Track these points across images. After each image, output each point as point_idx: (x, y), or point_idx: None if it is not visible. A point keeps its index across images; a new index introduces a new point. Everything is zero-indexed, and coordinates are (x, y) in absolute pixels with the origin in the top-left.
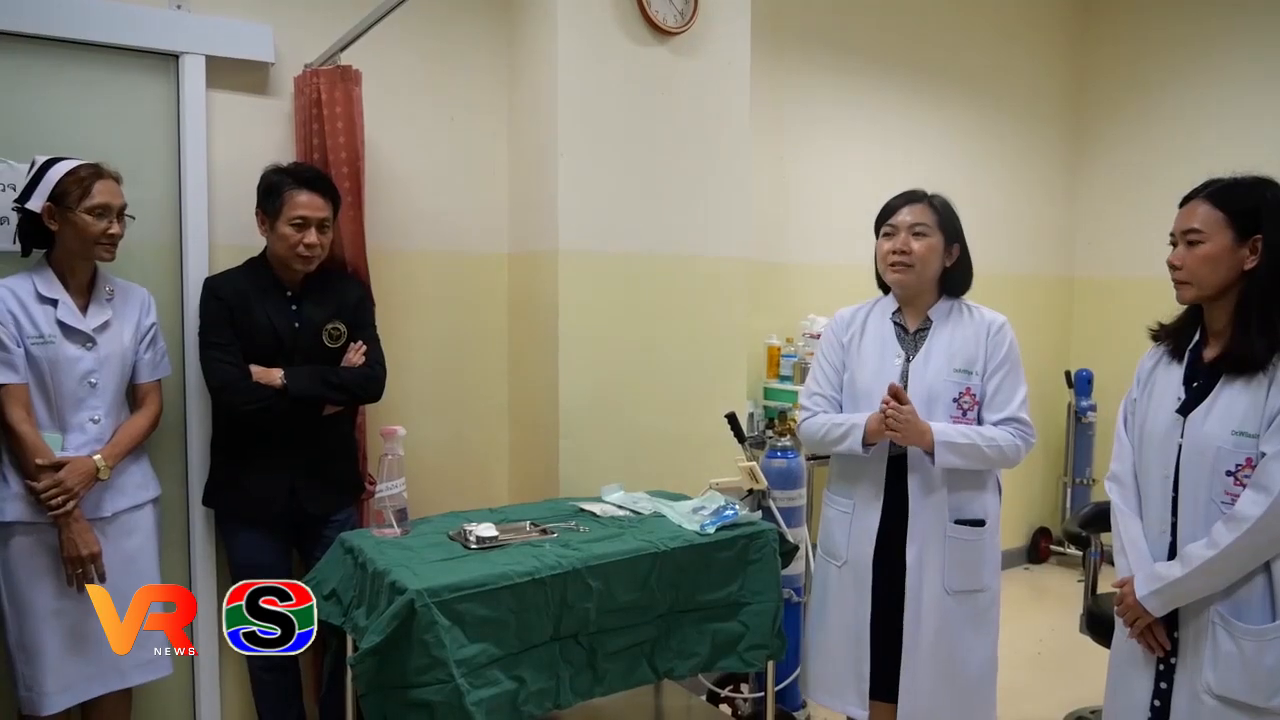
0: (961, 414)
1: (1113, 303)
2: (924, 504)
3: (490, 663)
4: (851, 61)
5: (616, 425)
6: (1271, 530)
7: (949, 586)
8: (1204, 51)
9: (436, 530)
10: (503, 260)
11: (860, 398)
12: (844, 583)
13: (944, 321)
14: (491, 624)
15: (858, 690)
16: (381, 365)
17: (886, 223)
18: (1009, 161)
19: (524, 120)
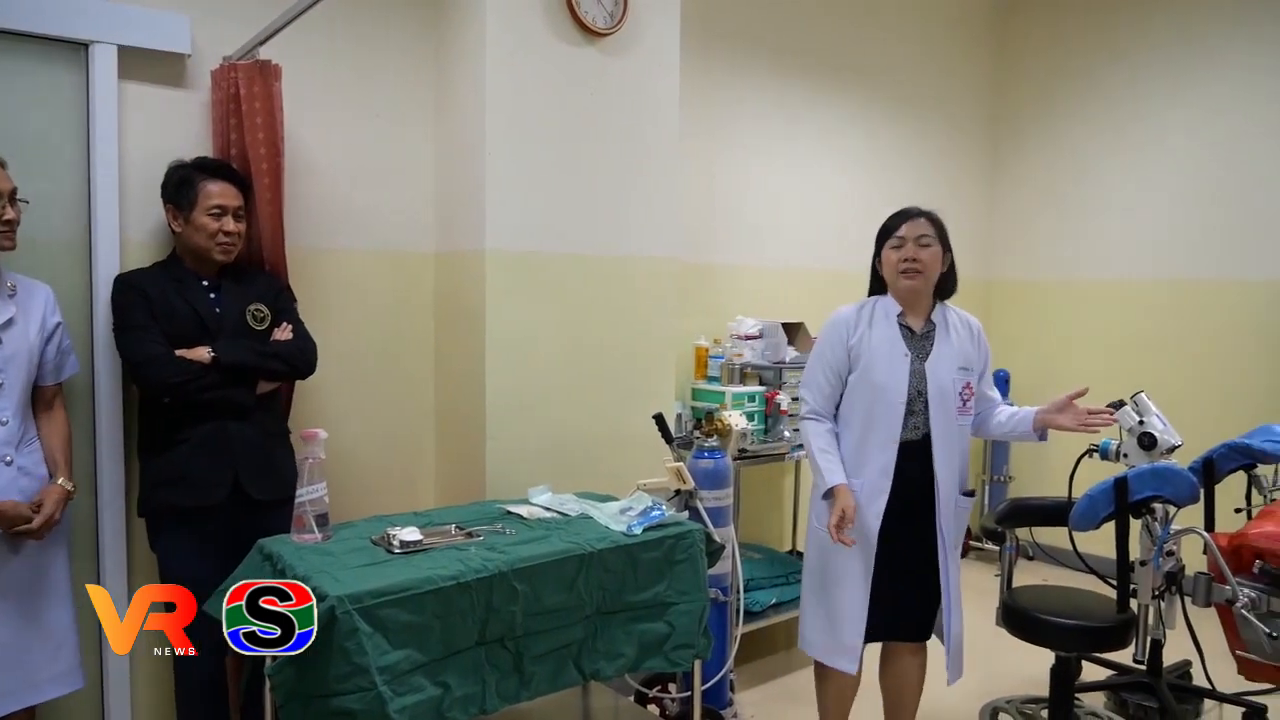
0: (964, 404)
1: (1027, 304)
2: (946, 481)
3: (414, 669)
4: (781, 66)
5: (544, 426)
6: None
7: (954, 545)
8: (1114, 66)
9: (359, 535)
10: (429, 260)
11: (875, 393)
12: (847, 553)
13: (944, 325)
14: (415, 629)
15: (852, 647)
16: (311, 340)
17: (894, 235)
18: (931, 167)
19: (451, 118)
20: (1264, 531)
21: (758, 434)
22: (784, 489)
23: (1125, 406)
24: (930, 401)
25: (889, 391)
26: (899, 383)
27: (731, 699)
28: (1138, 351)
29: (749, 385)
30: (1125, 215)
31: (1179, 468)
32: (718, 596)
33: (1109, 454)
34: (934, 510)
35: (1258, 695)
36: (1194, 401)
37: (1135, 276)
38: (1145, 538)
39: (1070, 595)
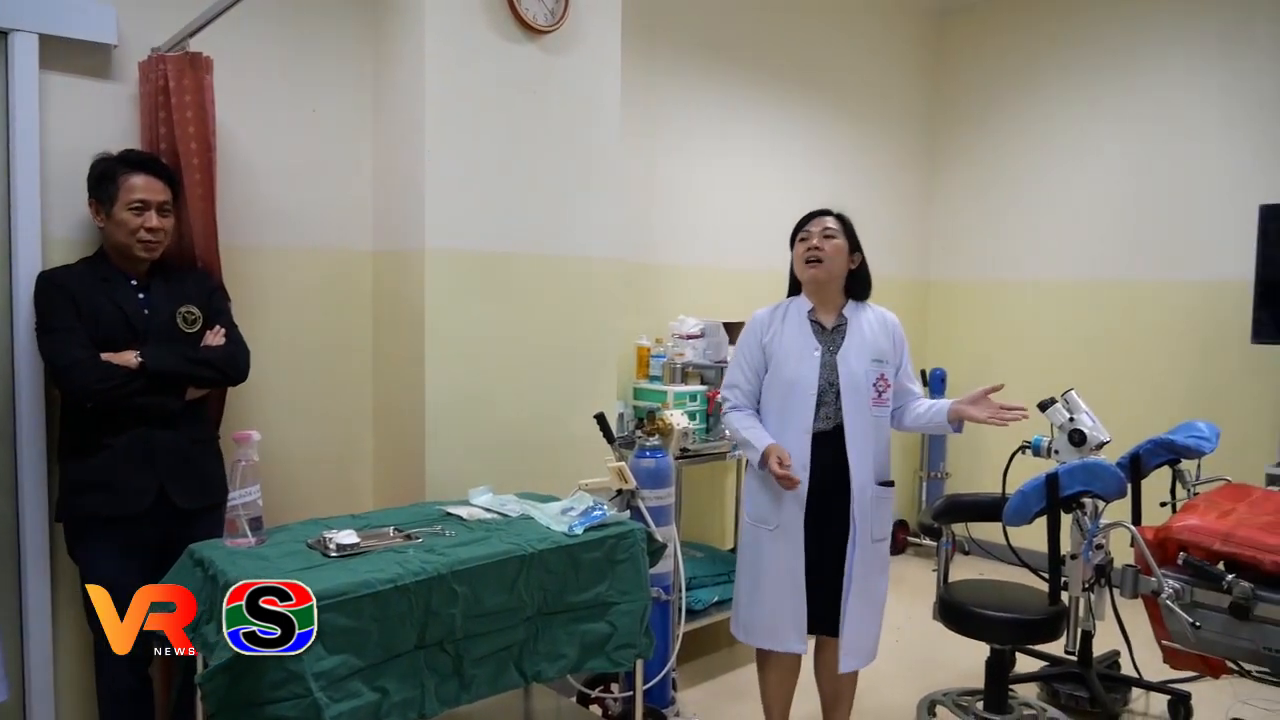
0: (879, 395)
1: (964, 304)
2: (860, 470)
3: (351, 674)
4: (722, 66)
5: (485, 427)
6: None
7: (874, 536)
8: (1046, 72)
9: (294, 538)
10: (367, 258)
11: (786, 387)
12: (777, 543)
13: (856, 319)
14: (352, 634)
15: (797, 630)
16: (244, 345)
17: (802, 230)
18: (871, 169)
19: (390, 114)
20: (1187, 524)
21: (699, 433)
22: (726, 487)
23: (1056, 404)
24: (842, 392)
25: (799, 383)
26: (809, 375)
27: (674, 697)
28: (1068, 350)
29: (691, 384)
30: (1056, 218)
31: (1107, 464)
32: (660, 595)
33: (1041, 450)
34: (849, 500)
35: (1182, 683)
36: (1121, 399)
37: (1066, 278)
38: (1076, 532)
39: (1004, 589)
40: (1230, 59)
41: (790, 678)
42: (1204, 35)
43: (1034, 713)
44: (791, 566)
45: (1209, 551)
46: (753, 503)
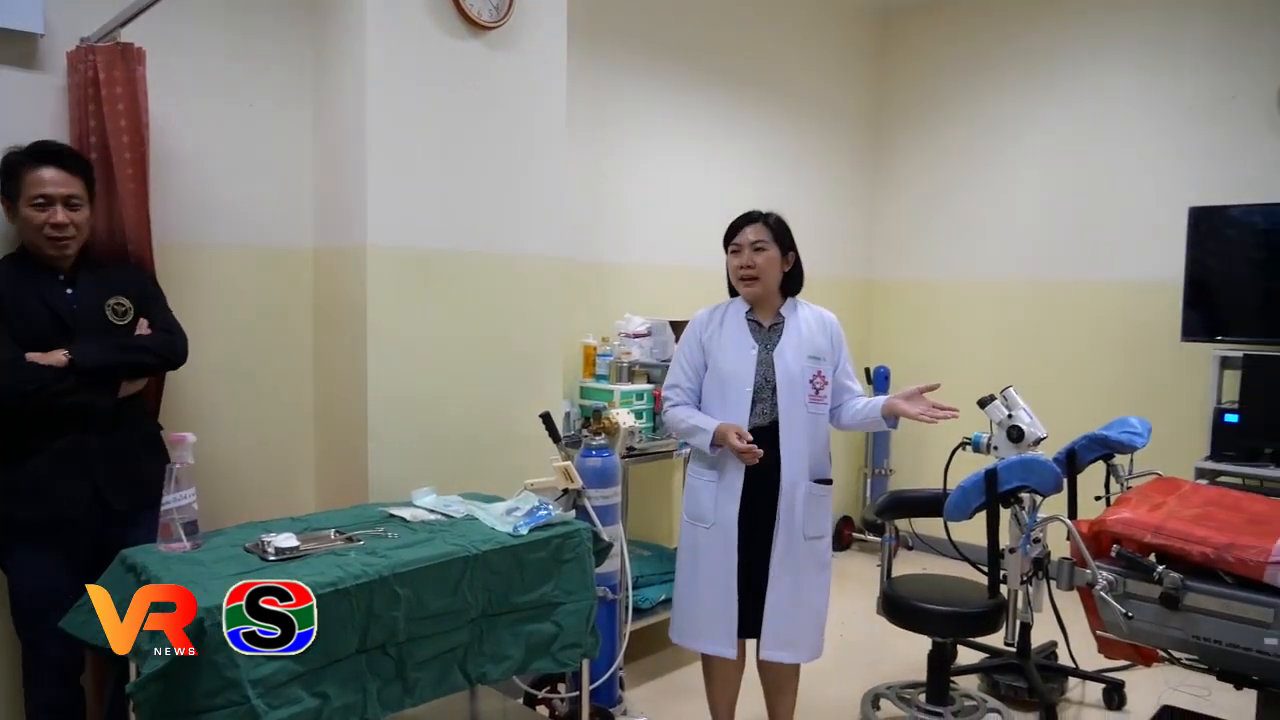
0: (815, 392)
1: (906, 303)
2: (792, 467)
3: (290, 680)
4: (668, 66)
5: (429, 427)
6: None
7: (806, 534)
8: (983, 77)
9: (231, 543)
10: (307, 255)
11: (724, 384)
12: (713, 541)
13: (793, 317)
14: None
15: (726, 631)
16: (181, 330)
17: (732, 241)
18: (815, 169)
19: (331, 109)
20: (1120, 518)
21: (646, 432)
22: (673, 486)
23: (995, 401)
24: (778, 388)
25: (736, 379)
26: (745, 371)
27: (621, 696)
28: (1007, 348)
29: (637, 383)
30: (996, 219)
31: (1044, 459)
32: (606, 595)
33: (980, 447)
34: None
35: (1116, 672)
36: (1058, 396)
37: (1005, 278)
38: (1014, 526)
39: (945, 583)
40: (1160, 63)
41: (734, 675)
42: (1134, 40)
43: (974, 704)
44: (725, 566)
45: (1141, 544)
46: (690, 500)
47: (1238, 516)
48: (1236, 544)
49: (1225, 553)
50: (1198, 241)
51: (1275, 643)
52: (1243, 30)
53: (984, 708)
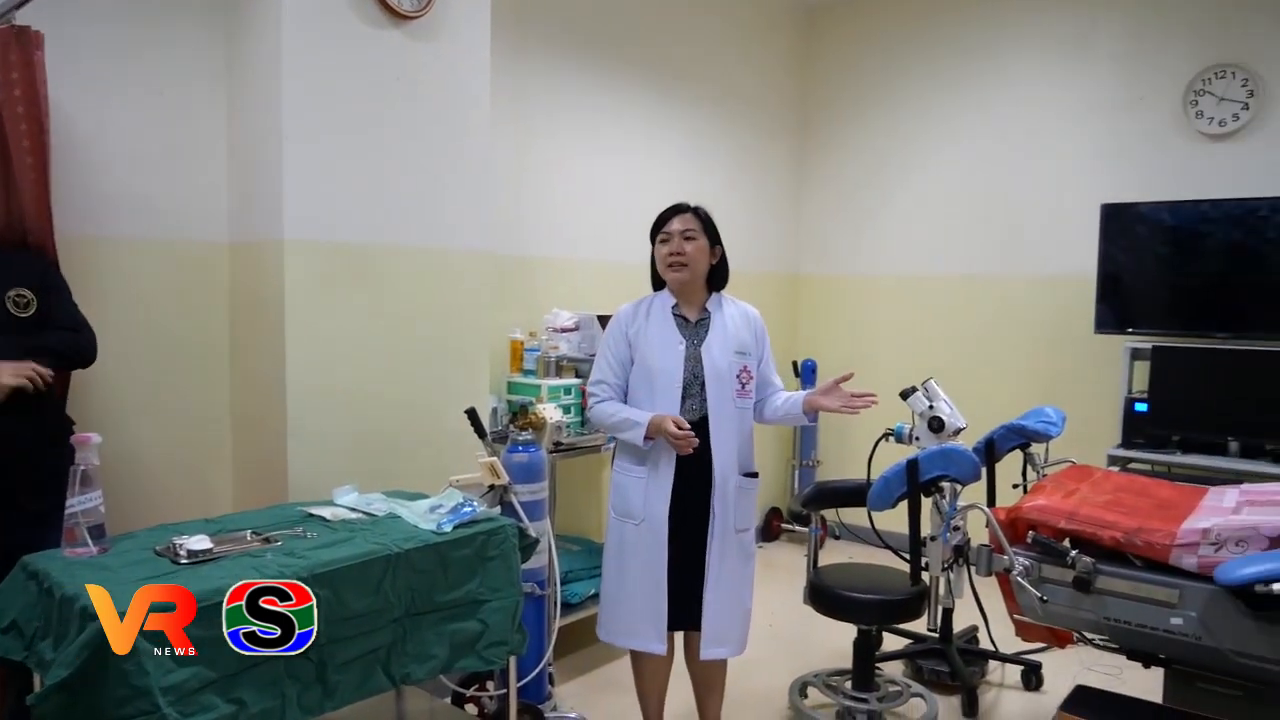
0: (741, 387)
1: (832, 298)
2: (723, 462)
3: (203, 687)
4: (595, 60)
5: (351, 424)
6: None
7: (736, 526)
8: (904, 77)
9: (141, 546)
10: (222, 250)
11: (652, 380)
12: (642, 538)
13: (719, 313)
14: (203, 644)
15: (656, 627)
16: (88, 326)
17: (661, 230)
18: (744, 166)
19: (245, 99)
20: (1036, 505)
21: (574, 426)
22: (601, 480)
23: (917, 392)
24: (707, 384)
25: (665, 375)
26: (674, 367)
27: (551, 692)
28: (929, 341)
29: (565, 378)
30: (918, 215)
31: (964, 449)
32: (534, 590)
33: (903, 437)
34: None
35: (1033, 654)
36: (977, 387)
37: (926, 272)
38: (935, 515)
39: (869, 572)
40: (1075, 64)
41: (663, 669)
42: (1051, 40)
43: (899, 689)
44: (655, 562)
45: (1055, 530)
46: (618, 497)
47: (1146, 502)
48: (1144, 528)
49: (1134, 536)
50: (1109, 237)
51: (1180, 622)
52: (1150, 33)
53: (908, 693)
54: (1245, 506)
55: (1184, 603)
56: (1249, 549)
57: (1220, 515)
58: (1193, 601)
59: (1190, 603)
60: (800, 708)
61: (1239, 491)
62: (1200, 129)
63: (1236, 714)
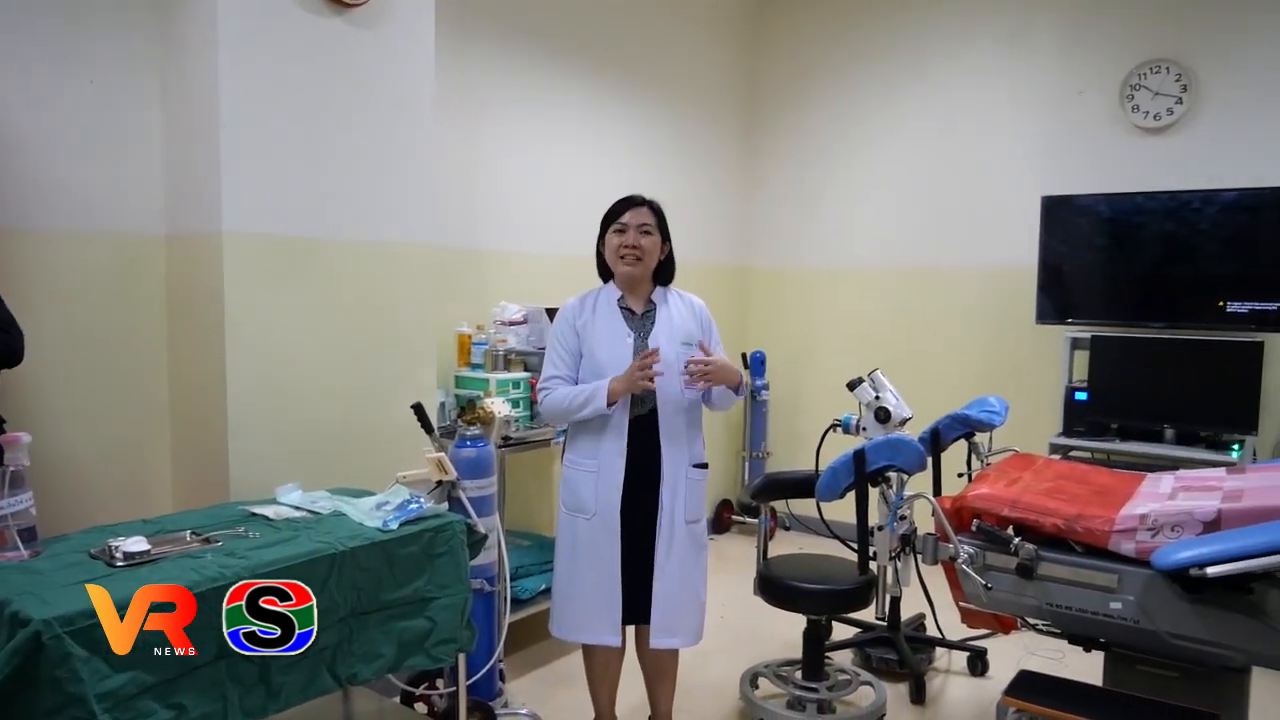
0: (689, 378)
1: (780, 290)
2: (672, 454)
3: (141, 692)
4: (542, 51)
5: (295, 421)
6: None
7: (687, 518)
8: (850, 69)
9: (74, 549)
10: (158, 243)
11: (601, 373)
12: (594, 532)
13: (664, 305)
14: (140, 649)
15: (610, 620)
16: (16, 327)
17: (617, 221)
18: (693, 158)
19: (180, 87)
20: (979, 493)
21: (523, 420)
22: (552, 475)
23: (863, 383)
24: (655, 376)
25: (613, 368)
26: (623, 360)
27: (501, 689)
28: (876, 332)
29: (514, 372)
30: (865, 207)
31: (909, 439)
32: (483, 587)
33: (850, 428)
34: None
35: (979, 640)
36: (923, 377)
37: (874, 264)
38: (882, 504)
39: (818, 562)
40: (1015, 59)
41: (614, 662)
42: (990, 36)
43: (848, 677)
44: (608, 556)
45: (999, 517)
46: (569, 492)
47: (1086, 489)
48: (1084, 515)
49: (1074, 523)
50: (1049, 229)
51: (1119, 606)
52: (1088, 28)
53: (857, 681)
54: (1180, 492)
55: (1123, 587)
56: (1184, 534)
57: (1157, 501)
58: (1131, 586)
59: (1129, 587)
60: (751, 698)
61: (1174, 478)
62: (1136, 123)
63: (1173, 694)
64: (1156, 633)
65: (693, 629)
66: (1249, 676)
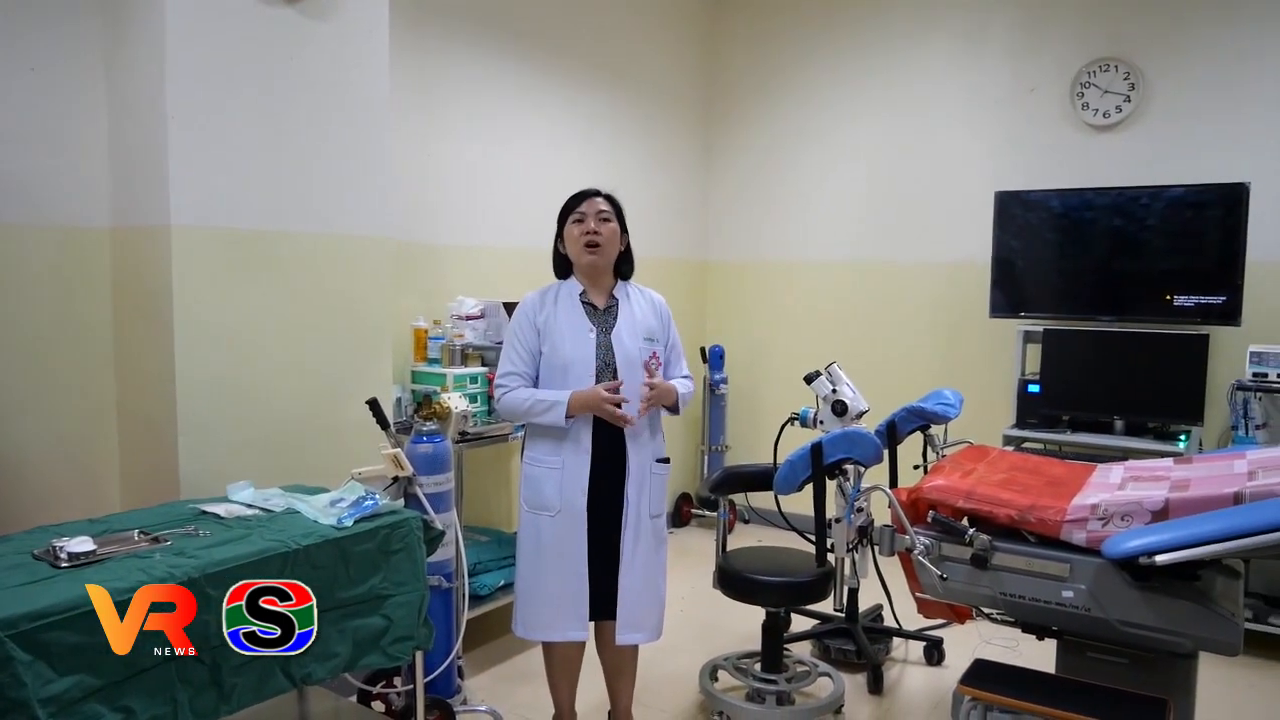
0: (649, 375)
1: (739, 284)
2: (638, 450)
3: (86, 696)
4: (500, 43)
5: (247, 418)
6: None
7: (650, 513)
8: (807, 64)
9: (17, 550)
10: (103, 236)
11: (564, 369)
12: (558, 529)
13: (626, 300)
14: (87, 652)
15: (577, 616)
16: None
17: (575, 211)
18: (651, 152)
19: (126, 76)
20: (935, 485)
21: (480, 416)
22: (510, 470)
23: (820, 377)
24: (619, 371)
25: (577, 364)
26: (586, 355)
27: (460, 685)
28: (834, 326)
29: (471, 366)
30: (820, 202)
31: (866, 431)
32: (441, 583)
33: (808, 421)
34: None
35: (935, 630)
36: (880, 371)
37: (832, 259)
38: (840, 497)
39: (777, 554)
40: (970, 57)
41: (575, 657)
42: (945, 33)
43: (807, 669)
44: (574, 553)
45: (954, 509)
46: (531, 490)
47: (1038, 480)
48: (1037, 505)
49: (1027, 514)
50: (1002, 224)
51: (1071, 595)
52: (1040, 27)
53: (816, 672)
54: (1130, 482)
55: (1074, 576)
56: (1133, 523)
57: (1107, 491)
58: (1082, 575)
59: (1080, 576)
60: (711, 691)
61: (1124, 468)
62: (1086, 120)
63: (1123, 680)
64: (1107, 620)
65: (655, 625)
66: (1196, 662)
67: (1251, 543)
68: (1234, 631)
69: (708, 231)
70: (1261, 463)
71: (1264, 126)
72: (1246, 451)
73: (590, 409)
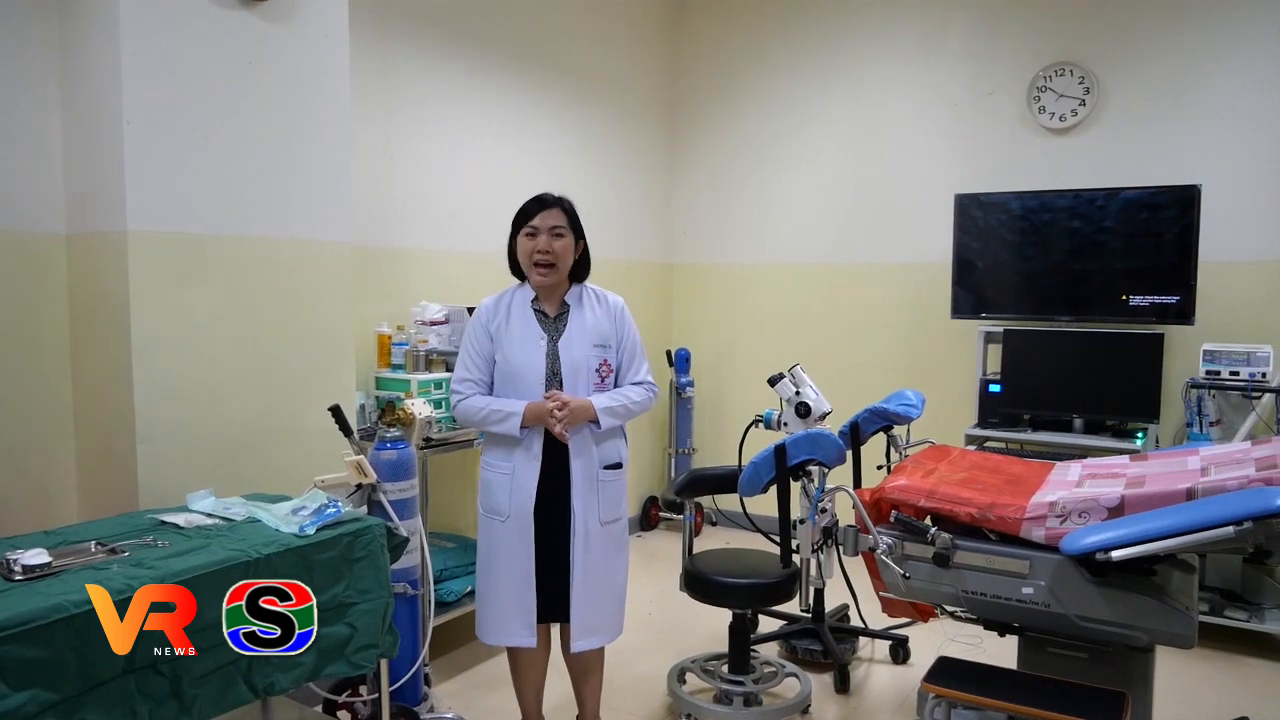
0: (601, 381)
1: (704, 287)
2: (581, 457)
3: (42, 711)
4: (460, 48)
5: (207, 426)
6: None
7: (602, 519)
8: (770, 67)
9: None
10: (59, 241)
11: (515, 377)
12: (509, 535)
13: (578, 306)
14: (42, 666)
15: (526, 623)
16: None
17: (528, 224)
18: (615, 155)
19: (81, 80)
20: (897, 485)
21: (445, 421)
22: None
23: (784, 379)
24: (564, 380)
25: (526, 372)
26: (535, 364)
27: (427, 693)
28: (798, 328)
29: (435, 372)
30: (783, 205)
31: (829, 433)
32: (406, 591)
33: (772, 423)
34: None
35: (900, 628)
36: (843, 372)
37: (795, 261)
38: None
39: (743, 556)
40: (929, 61)
41: (539, 662)
42: (906, 36)
43: (774, 670)
44: (521, 557)
45: (916, 508)
46: (485, 494)
47: (998, 478)
48: (997, 503)
49: (988, 512)
50: (963, 226)
51: (1031, 591)
52: (997, 31)
53: (783, 673)
54: (1088, 480)
55: (1034, 573)
56: (1091, 519)
57: (1065, 489)
58: (1042, 571)
59: (1040, 572)
60: (678, 693)
61: (1082, 466)
62: (1043, 123)
63: (1083, 675)
64: (1066, 615)
65: (611, 627)
66: (1153, 656)
67: (1203, 537)
68: (1189, 625)
69: (672, 234)
70: (1214, 459)
71: (1214, 129)
72: (1200, 448)
73: (539, 421)
